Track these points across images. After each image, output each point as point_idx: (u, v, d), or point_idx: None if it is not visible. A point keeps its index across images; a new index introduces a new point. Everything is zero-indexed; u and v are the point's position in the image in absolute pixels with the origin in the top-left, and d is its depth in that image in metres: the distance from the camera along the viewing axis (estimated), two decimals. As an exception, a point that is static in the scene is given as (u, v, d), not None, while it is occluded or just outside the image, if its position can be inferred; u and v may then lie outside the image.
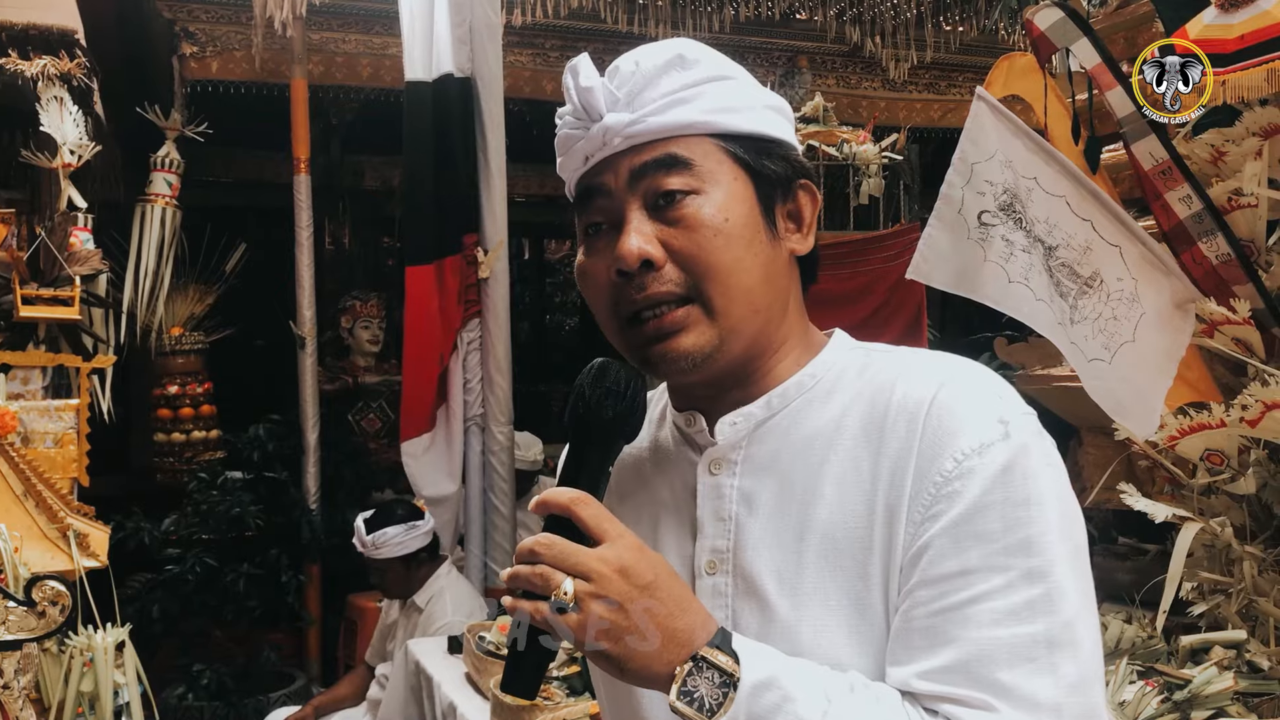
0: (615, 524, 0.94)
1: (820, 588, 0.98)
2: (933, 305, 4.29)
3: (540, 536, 0.93)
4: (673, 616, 0.91)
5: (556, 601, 0.89)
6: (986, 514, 0.92)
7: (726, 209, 1.01)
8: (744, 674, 0.89)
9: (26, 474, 2.57)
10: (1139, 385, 2.12)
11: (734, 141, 1.03)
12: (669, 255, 1.01)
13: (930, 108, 6.46)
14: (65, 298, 3.57)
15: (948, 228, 1.95)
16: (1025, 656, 0.89)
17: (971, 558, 0.92)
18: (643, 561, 0.92)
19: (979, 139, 1.99)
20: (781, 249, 1.06)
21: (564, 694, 2.73)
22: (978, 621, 0.90)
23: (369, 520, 3.87)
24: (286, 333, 5.07)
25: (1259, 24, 2.09)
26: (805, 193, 1.08)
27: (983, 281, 1.98)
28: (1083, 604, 0.93)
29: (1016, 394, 1.00)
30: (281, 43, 5.05)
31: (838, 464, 1.00)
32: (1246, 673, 2.10)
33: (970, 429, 0.95)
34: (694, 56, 1.04)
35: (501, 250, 4.54)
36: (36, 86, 3.69)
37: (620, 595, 0.90)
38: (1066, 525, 0.94)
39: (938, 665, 0.91)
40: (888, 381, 1.01)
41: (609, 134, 1.02)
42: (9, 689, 2.10)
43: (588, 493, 0.95)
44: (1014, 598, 0.90)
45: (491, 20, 4.46)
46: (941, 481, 0.94)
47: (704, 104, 1.02)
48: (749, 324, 1.03)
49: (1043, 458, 0.96)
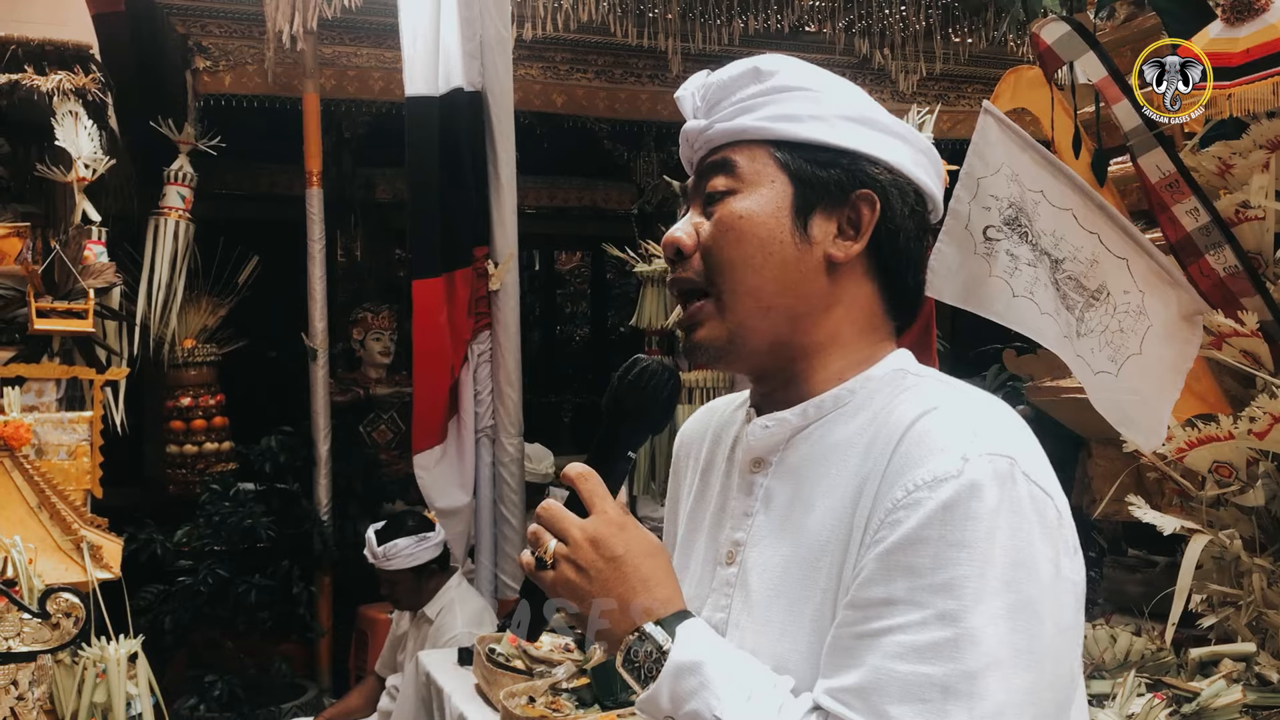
0: (606, 500, 1.04)
1: (792, 593, 1.03)
2: (943, 318, 4.28)
3: (547, 501, 1.05)
4: (634, 591, 1.01)
5: (539, 558, 1.03)
6: (920, 548, 0.92)
7: (748, 208, 1.06)
8: (673, 654, 0.97)
9: (40, 486, 2.59)
10: (1146, 397, 2.12)
11: (789, 148, 1.07)
12: (699, 247, 1.09)
13: (940, 119, 6.45)
14: (79, 311, 3.59)
15: (955, 242, 1.96)
16: (917, 696, 0.89)
17: (897, 588, 0.92)
18: (616, 536, 1.02)
19: (985, 153, 2.00)
20: (813, 253, 1.07)
21: (573, 705, 2.74)
22: (884, 651, 0.91)
23: (380, 532, 3.89)
24: (298, 345, 5.09)
25: (1264, 38, 2.10)
26: (864, 202, 1.08)
27: (988, 297, 1.98)
28: (1002, 659, 0.89)
29: (1010, 433, 0.98)
30: (294, 57, 5.09)
31: (835, 478, 1.03)
32: (1256, 685, 2.10)
33: (931, 460, 0.94)
34: (770, 69, 1.09)
35: (512, 262, 4.56)
36: (52, 101, 3.72)
37: (587, 563, 1.01)
38: (1011, 575, 0.91)
39: (843, 685, 0.93)
40: (895, 404, 1.03)
41: (691, 138, 1.13)
42: (23, 700, 2.12)
43: (597, 470, 1.05)
44: (923, 636, 0.90)
45: (502, 34, 4.49)
46: (891, 508, 0.95)
47: (766, 112, 1.07)
48: (758, 321, 1.07)
49: (999, 501, 0.92)
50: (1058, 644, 0.93)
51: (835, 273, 1.08)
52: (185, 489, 5.30)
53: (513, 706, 2.68)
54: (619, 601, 1.00)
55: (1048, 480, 0.97)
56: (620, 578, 1.01)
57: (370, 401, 5.99)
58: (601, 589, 1.01)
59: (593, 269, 9.21)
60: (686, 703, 0.95)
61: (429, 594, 3.93)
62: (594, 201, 7.70)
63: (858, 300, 1.09)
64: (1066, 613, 0.95)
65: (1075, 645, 0.98)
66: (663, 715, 0.97)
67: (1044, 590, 0.92)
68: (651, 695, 0.97)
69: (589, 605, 1.01)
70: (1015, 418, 1.02)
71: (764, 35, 5.62)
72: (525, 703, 2.74)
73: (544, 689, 2.82)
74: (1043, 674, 0.92)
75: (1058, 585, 0.94)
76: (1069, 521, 0.97)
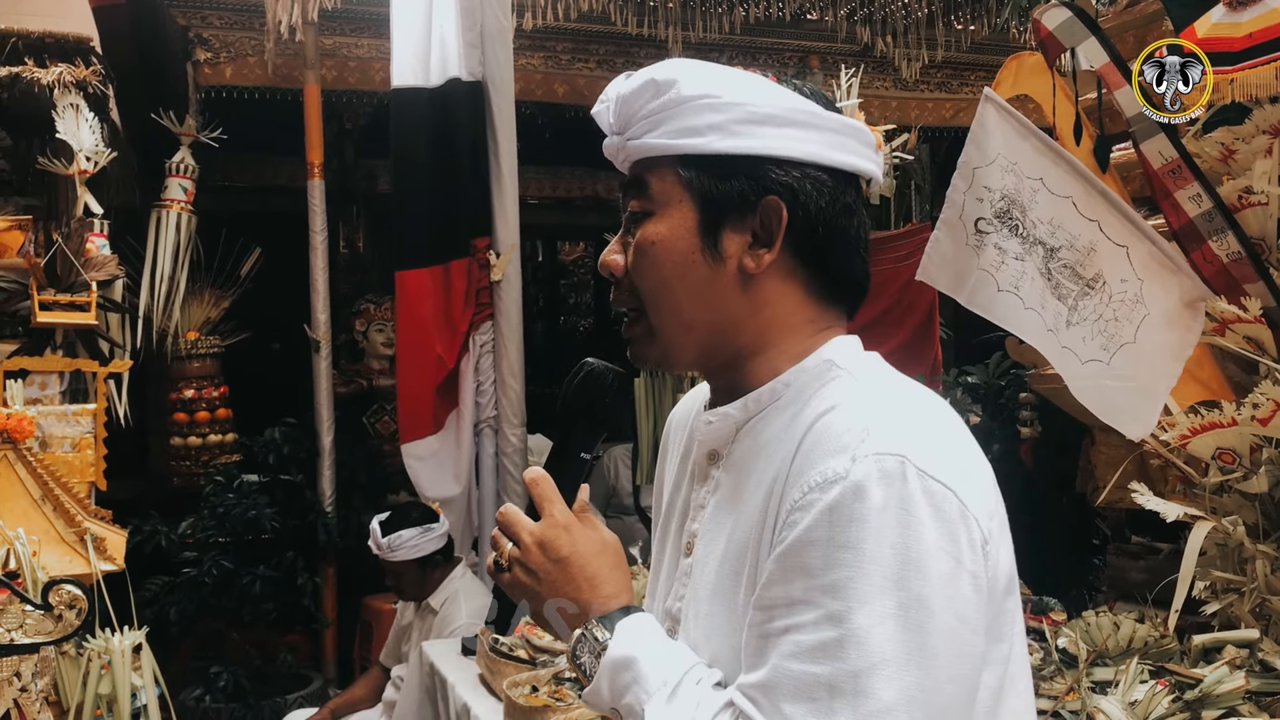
0: (555, 503, 1.09)
1: (724, 588, 1.06)
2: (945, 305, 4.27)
3: (506, 506, 1.11)
4: (580, 590, 1.06)
5: (497, 561, 1.10)
6: (811, 550, 0.94)
7: (657, 233, 1.08)
8: (610, 649, 1.01)
9: (44, 478, 2.59)
10: (1141, 385, 2.12)
11: (693, 165, 1.07)
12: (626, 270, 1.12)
13: (942, 107, 6.44)
14: (82, 303, 3.59)
15: (950, 231, 1.96)
16: (807, 695, 0.91)
17: (795, 589, 0.94)
18: (562, 538, 1.07)
19: (982, 143, 2.00)
20: (726, 269, 1.07)
21: (576, 694, 2.74)
22: (782, 650, 0.94)
23: (384, 523, 3.89)
24: (301, 336, 5.09)
25: (1267, 21, 2.09)
26: (771, 210, 1.06)
27: (974, 288, 1.99)
28: (889, 657, 0.90)
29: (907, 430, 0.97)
30: (295, 48, 5.07)
31: (761, 474, 1.05)
32: (1259, 672, 2.09)
33: (825, 461, 0.96)
34: (668, 78, 1.07)
35: (514, 253, 4.56)
36: (53, 94, 3.72)
37: (536, 565, 1.07)
38: (899, 573, 0.91)
39: (751, 681, 0.96)
40: (813, 399, 1.05)
41: (611, 154, 1.14)
42: (27, 692, 2.13)
43: (551, 473, 1.11)
44: (813, 636, 0.92)
45: (502, 24, 4.48)
46: (790, 509, 0.97)
47: (668, 127, 1.07)
48: (684, 338, 1.10)
49: (885, 500, 0.92)
50: (957, 638, 0.93)
51: (752, 282, 1.08)
52: (189, 481, 5.31)
53: (516, 696, 2.68)
54: (569, 600, 1.06)
55: (949, 473, 0.95)
56: (567, 578, 1.06)
57: (373, 393, 5.99)
58: (550, 589, 1.06)
59: (595, 259, 9.14)
60: (622, 696, 1.00)
61: (433, 585, 3.93)
62: (596, 192, 7.68)
63: (783, 301, 1.10)
64: (968, 606, 0.94)
65: (981, 636, 0.97)
66: (607, 707, 1.02)
67: (938, 586, 0.92)
68: (594, 688, 1.02)
69: (537, 604, 1.07)
70: (923, 411, 1.02)
71: (765, 23, 5.61)
72: (528, 692, 2.75)
73: (547, 678, 2.83)
74: (937, 670, 0.92)
75: (956, 579, 0.93)
76: (977, 512, 0.96)
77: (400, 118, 4.52)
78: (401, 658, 4.08)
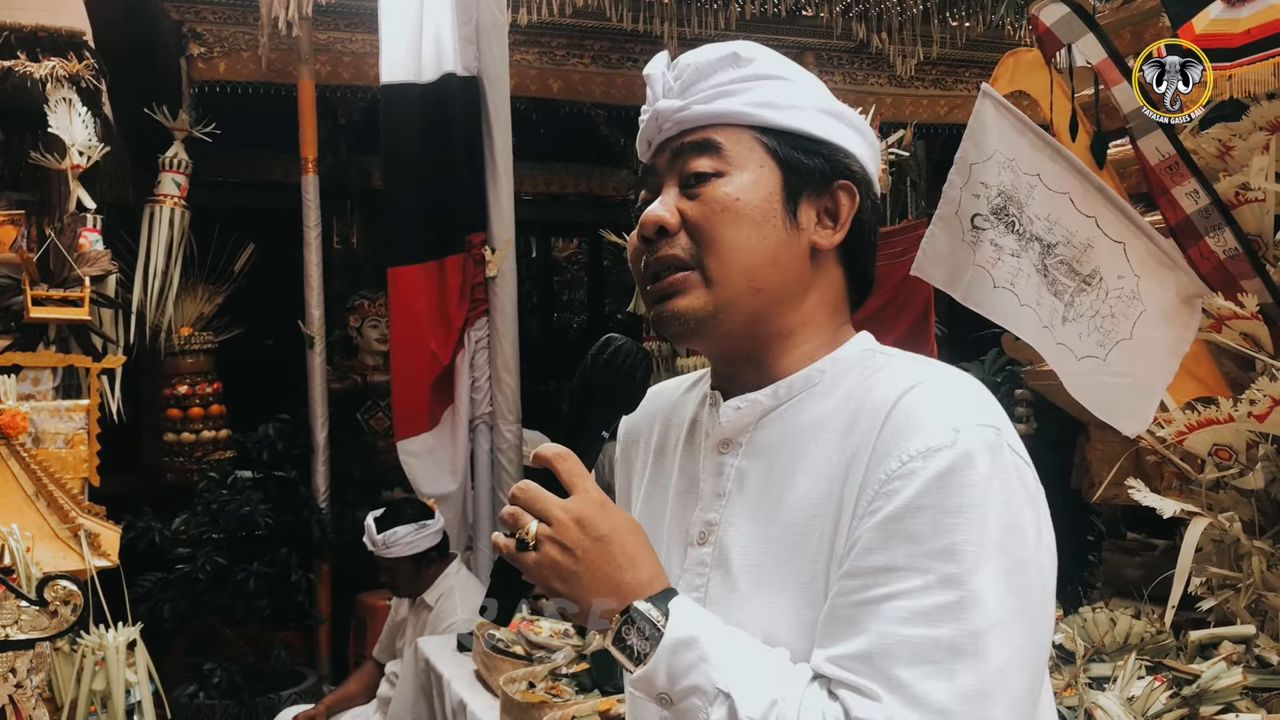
0: (586, 479, 1.03)
1: (777, 569, 1.04)
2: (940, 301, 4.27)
3: (522, 481, 1.03)
4: (620, 569, 1.00)
5: (520, 539, 1.00)
6: (918, 516, 0.95)
7: (742, 190, 1.08)
8: (668, 631, 0.97)
9: (38, 474, 2.58)
10: (1136, 381, 2.13)
11: (772, 135, 1.10)
12: (684, 225, 1.09)
13: (937, 103, 6.44)
14: (75, 299, 3.58)
15: (946, 227, 1.96)
16: (926, 658, 0.92)
17: (897, 556, 0.95)
18: (600, 515, 1.01)
19: (980, 139, 2.00)
20: (800, 239, 1.10)
21: (573, 690, 2.74)
22: (889, 617, 0.94)
23: (379, 519, 3.88)
24: (295, 332, 5.08)
25: (1265, 18, 2.09)
26: (844, 192, 1.12)
27: (970, 284, 1.99)
28: (1003, 619, 0.93)
29: (990, 406, 1.02)
30: (289, 43, 5.06)
31: (815, 455, 1.05)
32: (1255, 668, 2.10)
33: (922, 432, 0.97)
34: (749, 55, 1.11)
35: (509, 249, 4.55)
36: (45, 88, 3.71)
37: (573, 542, 1.00)
38: (1004, 539, 0.95)
39: (847, 652, 0.95)
40: (872, 382, 1.06)
41: (661, 118, 1.12)
42: (22, 688, 2.12)
43: (573, 451, 1.05)
44: (927, 600, 0.93)
45: (498, 19, 4.48)
46: (885, 479, 0.97)
47: (748, 98, 1.09)
48: (746, 300, 1.09)
49: (990, 469, 0.96)
50: (1045, 606, 0.98)
51: (816, 259, 1.12)
52: (183, 477, 5.30)
53: (512, 692, 2.68)
54: (606, 580, 1.00)
55: (1025, 451, 1.02)
56: (607, 556, 1.00)
57: (368, 389, 5.99)
58: (588, 568, 1.00)
59: (590, 255, 9.19)
60: (685, 677, 0.96)
61: (428, 581, 3.93)
62: (591, 188, 7.68)
63: (831, 286, 1.14)
64: (1048, 576, 0.99)
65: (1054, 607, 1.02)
66: (657, 692, 0.98)
67: (1031, 554, 0.97)
68: (647, 673, 0.97)
69: (574, 585, 1.00)
70: (989, 392, 1.06)
71: (760, 19, 5.60)
72: (525, 688, 2.74)
73: (543, 674, 2.82)
74: (1035, 633, 0.96)
75: (1040, 550, 0.98)
76: (1042, 491, 1.02)
77: (390, 113, 4.52)
78: (396, 653, 4.08)
